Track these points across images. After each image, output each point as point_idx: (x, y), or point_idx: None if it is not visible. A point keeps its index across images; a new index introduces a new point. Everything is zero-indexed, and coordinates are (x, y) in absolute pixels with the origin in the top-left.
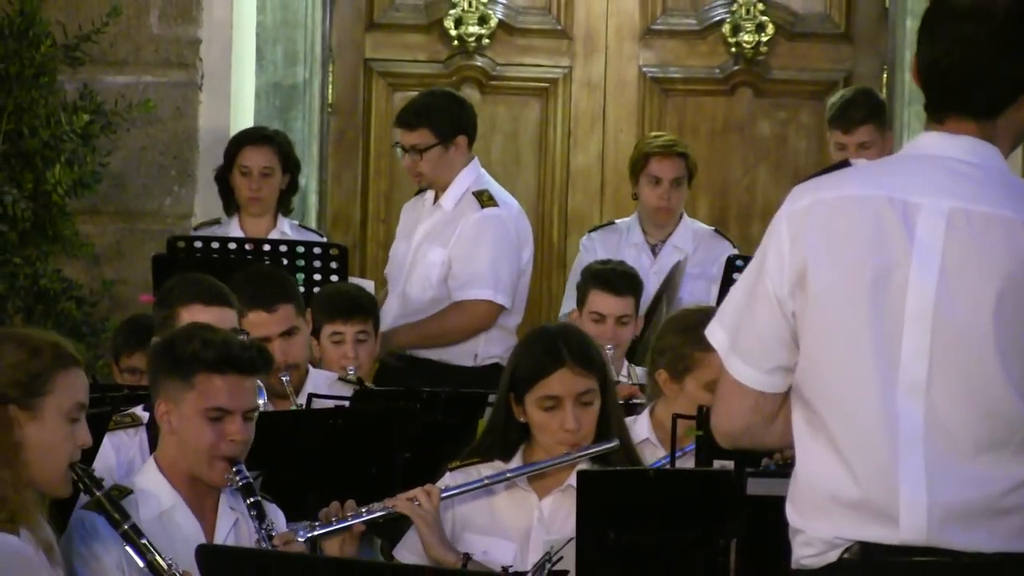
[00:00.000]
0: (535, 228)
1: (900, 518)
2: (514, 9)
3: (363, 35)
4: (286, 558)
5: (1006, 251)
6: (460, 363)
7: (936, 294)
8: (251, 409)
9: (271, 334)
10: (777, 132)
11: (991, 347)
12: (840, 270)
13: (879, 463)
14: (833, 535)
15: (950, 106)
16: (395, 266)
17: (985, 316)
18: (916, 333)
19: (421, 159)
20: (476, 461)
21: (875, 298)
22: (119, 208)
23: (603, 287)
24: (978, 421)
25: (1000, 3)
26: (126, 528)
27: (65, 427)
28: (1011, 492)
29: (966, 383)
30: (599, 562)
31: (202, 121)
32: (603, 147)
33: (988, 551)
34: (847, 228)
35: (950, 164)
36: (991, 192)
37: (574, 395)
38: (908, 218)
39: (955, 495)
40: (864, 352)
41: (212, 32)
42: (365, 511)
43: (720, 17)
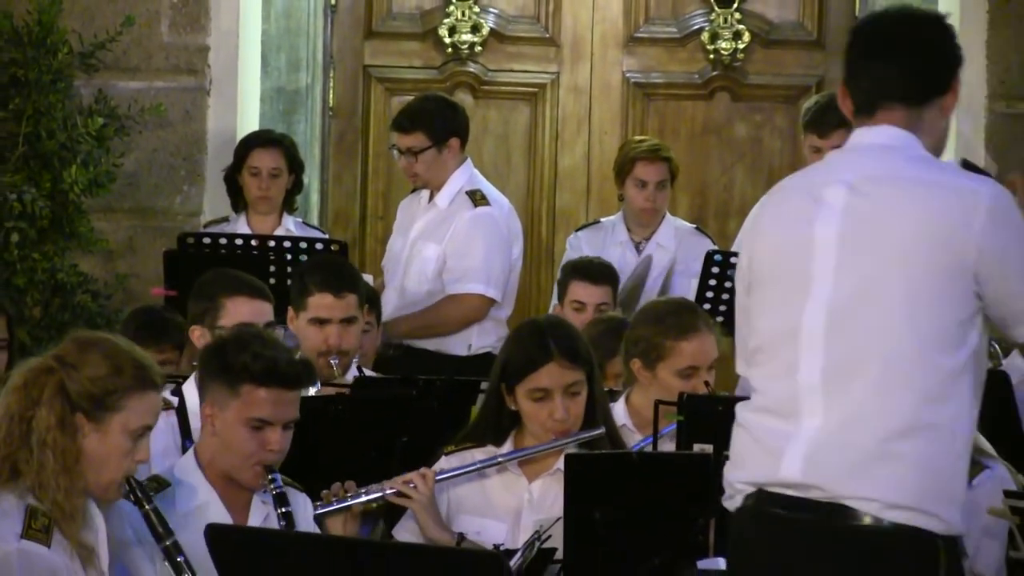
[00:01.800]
0: (525, 225)
1: (783, 461)
2: (505, 18)
3: (362, 43)
4: (290, 537)
5: (907, 204)
6: (455, 352)
7: (837, 252)
8: (292, 420)
9: (333, 318)
10: (753, 134)
11: (897, 297)
12: (763, 253)
13: (785, 414)
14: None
15: (880, 96)
16: (392, 260)
17: (891, 268)
18: (819, 292)
19: (416, 160)
20: (470, 446)
21: (785, 273)
22: (132, 206)
23: (582, 277)
24: (878, 370)
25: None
26: (167, 544)
27: (127, 444)
28: (899, 439)
29: (866, 334)
30: (585, 540)
31: (210, 124)
32: (589, 148)
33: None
34: (771, 218)
35: (865, 148)
36: (898, 163)
37: (562, 387)
38: (816, 195)
39: (845, 439)
40: (773, 321)
41: (219, 40)
42: (364, 492)
43: (699, 25)
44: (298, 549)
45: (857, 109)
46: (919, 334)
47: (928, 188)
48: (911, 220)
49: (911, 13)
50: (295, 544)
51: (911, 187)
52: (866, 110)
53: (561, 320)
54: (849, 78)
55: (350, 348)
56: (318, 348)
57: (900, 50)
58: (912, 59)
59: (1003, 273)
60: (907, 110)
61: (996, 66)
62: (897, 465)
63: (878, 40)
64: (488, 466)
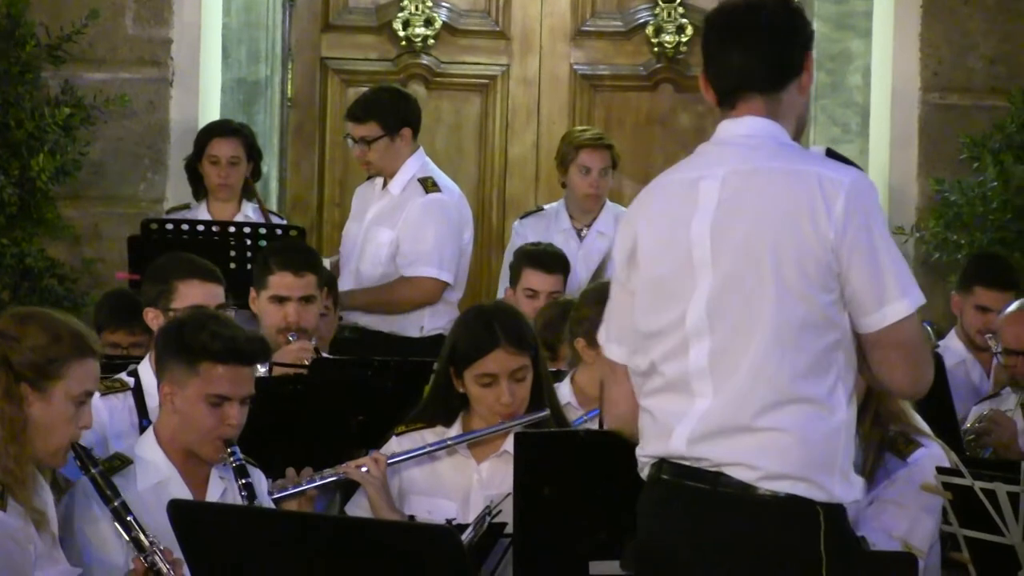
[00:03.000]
0: (476, 212)
1: (673, 436)
2: (457, 12)
3: (319, 36)
4: (251, 512)
5: (770, 193)
6: (408, 334)
7: (711, 242)
8: (249, 396)
9: (292, 295)
10: (696, 124)
11: (767, 282)
12: (645, 247)
13: (679, 391)
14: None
15: (738, 87)
16: (348, 245)
17: (761, 255)
18: (702, 280)
19: (370, 149)
20: (420, 426)
21: (666, 263)
22: (98, 193)
23: (535, 266)
24: (756, 351)
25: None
26: (116, 505)
27: (70, 410)
28: (775, 411)
29: (743, 319)
30: (534, 515)
31: (173, 114)
32: (538, 138)
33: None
34: (648, 211)
35: (733, 141)
36: (763, 153)
37: (508, 372)
38: (692, 188)
39: (728, 414)
40: (662, 310)
41: (182, 33)
42: (319, 477)
43: (644, 19)
44: (259, 524)
45: (720, 100)
46: (789, 316)
47: (791, 176)
48: (776, 208)
49: (755, 1)
50: (256, 519)
51: (776, 176)
52: (728, 101)
53: (507, 306)
54: (708, 69)
55: (309, 326)
56: (277, 325)
57: (751, 40)
58: (763, 48)
59: (857, 258)
60: (766, 97)
61: (929, 59)
62: (775, 436)
63: (729, 31)
64: (437, 449)
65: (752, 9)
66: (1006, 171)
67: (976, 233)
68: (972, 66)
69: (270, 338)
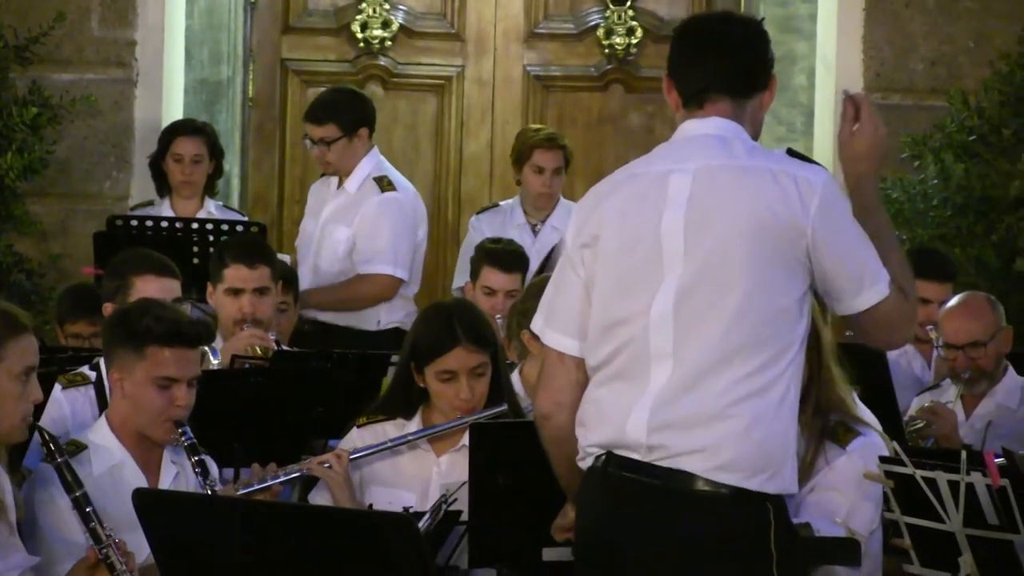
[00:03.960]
0: (433, 209)
1: (629, 420)
2: (413, 15)
3: (280, 37)
4: (213, 500)
5: (744, 190)
6: (365, 328)
7: (684, 234)
8: (195, 377)
9: (246, 287)
10: (645, 123)
11: (739, 275)
12: (609, 237)
13: (632, 378)
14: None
15: (709, 88)
16: (304, 241)
17: (733, 249)
18: (671, 271)
19: (329, 150)
20: (381, 419)
21: (634, 253)
22: (64, 190)
23: (494, 264)
24: (720, 338)
25: (737, 20)
26: (77, 495)
27: (16, 388)
28: (733, 402)
29: (710, 309)
30: (489, 503)
31: (137, 114)
32: (492, 137)
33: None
34: (615, 202)
35: (699, 138)
36: (732, 151)
37: (468, 369)
38: (662, 181)
39: (686, 402)
40: (626, 299)
41: (146, 35)
42: (283, 473)
43: (595, 22)
44: (222, 512)
45: (685, 101)
46: (758, 310)
47: (766, 174)
48: (750, 204)
49: (734, 16)
50: (219, 507)
51: (750, 174)
52: (695, 101)
53: (467, 304)
54: (675, 70)
55: (264, 317)
56: (234, 317)
57: (725, 47)
58: (739, 56)
59: (834, 253)
60: (733, 102)
61: (872, 60)
62: (731, 424)
63: (708, 36)
64: (398, 445)
65: (728, 21)
66: (946, 169)
67: (917, 229)
68: (913, 67)
69: (227, 330)
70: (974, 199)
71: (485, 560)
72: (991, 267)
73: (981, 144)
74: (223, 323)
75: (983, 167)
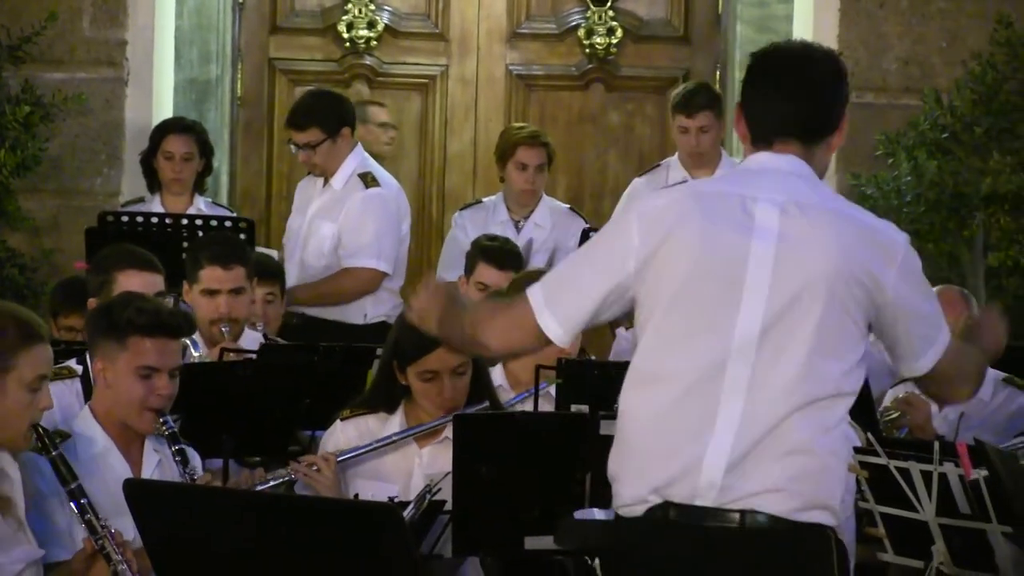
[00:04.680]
0: (417, 205)
1: (703, 463)
2: (398, 15)
3: (267, 38)
4: (201, 490)
5: (834, 236)
6: (352, 321)
7: (773, 268)
8: (176, 367)
9: (222, 288)
10: (625, 122)
11: (816, 315)
12: (686, 250)
13: (698, 415)
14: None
15: (777, 133)
16: (291, 237)
17: (819, 293)
18: (752, 302)
19: (315, 153)
20: (363, 412)
21: (717, 276)
22: (56, 187)
23: (490, 261)
24: (796, 379)
25: (816, 56)
26: (72, 488)
27: (26, 396)
28: (805, 446)
29: (787, 345)
30: (472, 493)
31: (128, 112)
32: (475, 134)
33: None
34: (693, 220)
35: (778, 171)
36: (816, 192)
37: (449, 369)
38: (747, 208)
39: (758, 441)
40: (703, 320)
41: (136, 35)
42: (271, 478)
43: (576, 22)
44: (210, 502)
45: (754, 138)
46: (834, 354)
47: (851, 224)
48: (839, 251)
49: (815, 52)
50: (208, 497)
51: (840, 219)
52: (763, 141)
53: None
54: (747, 104)
55: (240, 316)
56: (210, 317)
57: (798, 89)
58: (808, 100)
59: (906, 315)
60: (802, 146)
61: (846, 59)
62: (806, 462)
63: (777, 74)
64: (383, 446)
65: (806, 58)
66: (919, 166)
67: None
68: (887, 67)
69: (204, 329)
70: (947, 195)
71: (468, 548)
72: (963, 262)
73: (953, 142)
74: (199, 322)
75: (955, 164)
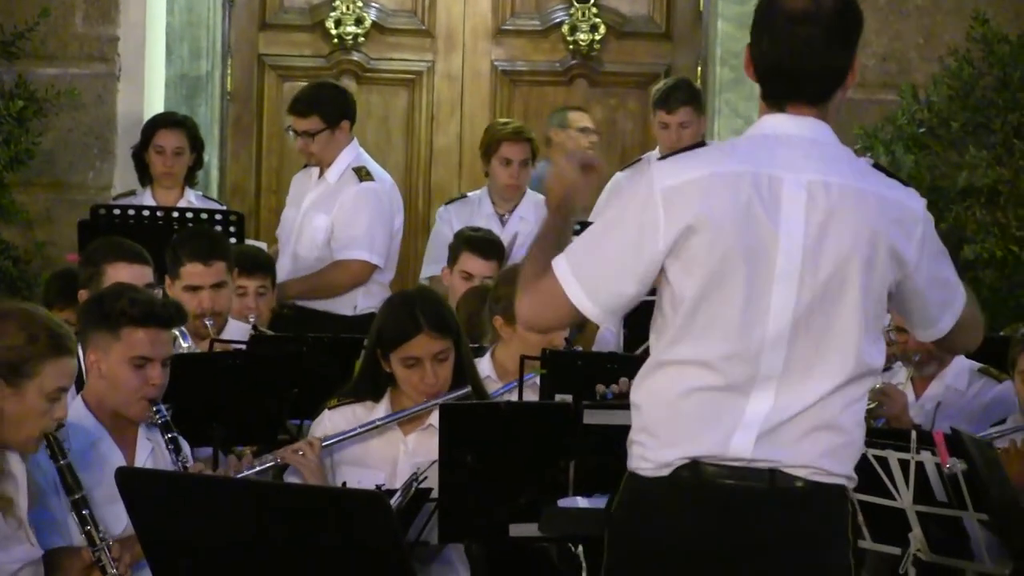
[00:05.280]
0: (404, 199)
1: (734, 438)
2: (385, 12)
3: (257, 34)
4: (193, 479)
5: (860, 216)
6: (341, 312)
7: (802, 255)
8: (168, 357)
9: (204, 284)
10: (608, 116)
11: (854, 298)
12: (715, 241)
13: (737, 391)
14: (670, 455)
15: (790, 95)
16: (285, 229)
17: (848, 272)
18: (784, 290)
19: (312, 141)
20: (350, 401)
21: (746, 264)
22: (49, 180)
23: (474, 251)
24: (832, 362)
25: (825, 5)
26: (76, 498)
27: (43, 405)
28: (835, 420)
29: (825, 331)
30: (458, 481)
31: (120, 107)
32: (461, 129)
33: (801, 465)
34: (720, 203)
35: (798, 142)
36: (838, 166)
37: (431, 355)
38: (773, 192)
39: (794, 422)
40: (735, 308)
41: (128, 31)
42: (259, 463)
43: (560, 19)
44: (199, 490)
45: (764, 94)
46: (866, 339)
47: (878, 200)
48: (867, 232)
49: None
50: (197, 485)
51: (865, 198)
52: (774, 101)
53: (429, 293)
54: (755, 49)
55: (222, 309)
56: (193, 311)
57: (806, 48)
58: (823, 60)
59: (926, 285)
60: (816, 108)
61: None
62: (835, 438)
63: (789, 24)
64: (368, 430)
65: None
66: (897, 160)
67: None
68: (865, 62)
69: (188, 323)
70: (924, 189)
71: (454, 535)
72: None
73: (930, 136)
74: None
75: (932, 158)
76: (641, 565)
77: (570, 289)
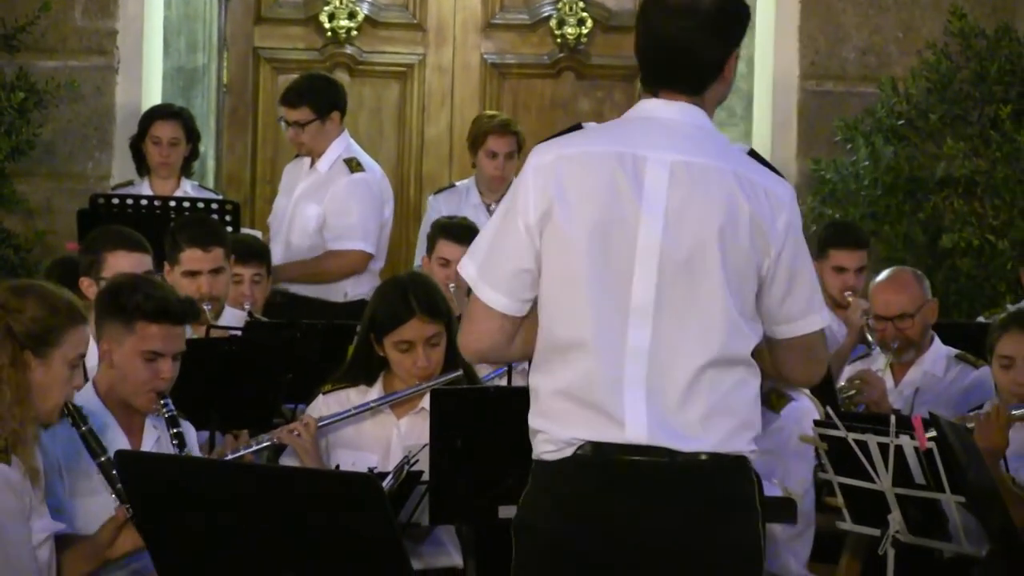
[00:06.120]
0: (395, 188)
1: (626, 422)
2: (377, 6)
3: (252, 27)
4: (189, 461)
5: (722, 194)
6: (333, 300)
7: (663, 233)
8: (180, 352)
9: (202, 269)
10: (595, 108)
11: (716, 273)
12: (580, 216)
13: (610, 378)
14: (570, 436)
15: (663, 83)
16: (277, 218)
17: (709, 249)
18: (645, 267)
19: (303, 131)
20: (344, 386)
21: (609, 238)
22: (49, 171)
23: (449, 237)
24: (698, 337)
25: (704, 2)
26: (102, 460)
27: (67, 372)
28: (723, 398)
29: (690, 306)
30: (448, 464)
31: (118, 99)
32: (451, 121)
33: (701, 451)
34: (587, 179)
35: (668, 124)
36: (704, 147)
37: (424, 339)
38: (637, 170)
39: (674, 401)
40: (597, 284)
41: (126, 24)
42: (255, 442)
43: (548, 13)
44: (195, 472)
45: (641, 79)
46: (729, 317)
47: (738, 180)
48: (726, 210)
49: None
50: (193, 468)
51: (725, 177)
52: (649, 88)
53: (422, 278)
54: (637, 37)
55: (220, 294)
56: (192, 297)
57: (680, 40)
58: (696, 52)
59: (793, 273)
60: (689, 98)
61: (807, 49)
62: (728, 421)
63: (662, 18)
64: (362, 411)
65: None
66: (876, 152)
67: (849, 208)
68: (846, 56)
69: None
70: (902, 180)
71: (445, 517)
72: (918, 243)
73: (909, 128)
74: None
75: (911, 150)
76: (549, 553)
77: (486, 295)
